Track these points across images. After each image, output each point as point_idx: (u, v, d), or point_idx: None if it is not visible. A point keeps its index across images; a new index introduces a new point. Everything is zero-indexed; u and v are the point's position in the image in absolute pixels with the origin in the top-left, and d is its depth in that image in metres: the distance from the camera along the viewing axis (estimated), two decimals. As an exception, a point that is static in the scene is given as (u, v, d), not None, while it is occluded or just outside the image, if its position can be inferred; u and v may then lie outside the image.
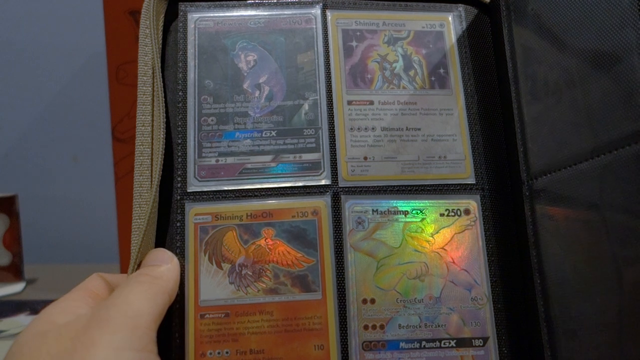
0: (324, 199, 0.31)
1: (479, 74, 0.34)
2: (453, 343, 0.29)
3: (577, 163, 0.26)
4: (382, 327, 0.29)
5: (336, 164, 0.32)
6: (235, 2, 0.34)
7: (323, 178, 0.31)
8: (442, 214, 0.31)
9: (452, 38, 0.35)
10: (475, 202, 0.32)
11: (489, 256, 0.31)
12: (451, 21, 0.35)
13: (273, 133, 0.32)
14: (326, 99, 0.33)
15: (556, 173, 0.28)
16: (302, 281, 0.29)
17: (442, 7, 0.35)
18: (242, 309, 0.29)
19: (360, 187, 0.31)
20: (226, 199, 0.31)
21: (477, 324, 0.30)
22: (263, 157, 0.31)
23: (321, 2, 0.34)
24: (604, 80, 0.24)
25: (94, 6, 0.68)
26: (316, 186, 0.31)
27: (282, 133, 0.32)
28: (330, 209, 0.31)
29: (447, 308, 0.30)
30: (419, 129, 0.33)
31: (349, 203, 0.31)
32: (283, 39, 0.33)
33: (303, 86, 0.33)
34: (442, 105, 0.33)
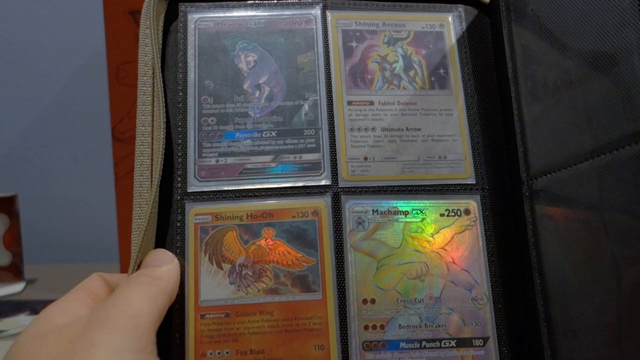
0: (324, 199, 0.31)
1: (479, 74, 0.34)
2: (453, 343, 0.29)
3: (577, 163, 0.26)
4: (383, 327, 0.29)
5: (336, 164, 0.32)
6: (235, 3, 0.34)
7: (323, 178, 0.31)
8: (442, 214, 0.31)
9: (452, 38, 0.35)
10: (475, 202, 0.32)
11: (489, 256, 0.31)
12: (451, 21, 0.35)
13: (273, 133, 0.32)
14: (326, 100, 0.33)
15: (556, 173, 0.28)
16: (303, 281, 0.30)
17: (442, 8, 0.35)
18: (243, 309, 0.29)
19: (360, 188, 0.31)
20: (226, 199, 0.31)
21: (478, 324, 0.30)
22: (263, 158, 0.31)
23: (321, 3, 0.34)
24: (604, 80, 0.24)
25: (94, 6, 0.68)
26: (316, 186, 0.31)
27: (282, 133, 0.32)
28: (330, 209, 0.31)
29: (448, 308, 0.30)
30: (419, 129, 0.33)
31: (349, 203, 0.31)
32: (283, 40, 0.33)
33: (303, 86, 0.33)
34: (442, 105, 0.33)
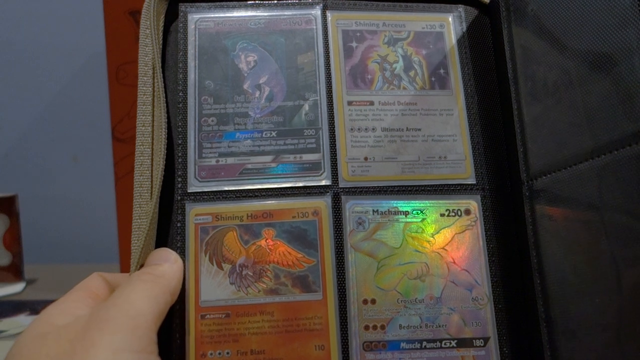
0: (325, 200, 0.31)
1: (479, 75, 0.34)
2: (454, 343, 0.29)
3: (577, 163, 0.26)
4: (383, 328, 0.29)
5: (336, 165, 0.32)
6: (235, 3, 0.34)
7: (323, 178, 0.31)
8: (443, 214, 0.31)
9: (452, 39, 0.35)
10: (475, 202, 0.32)
11: (490, 256, 0.31)
12: (451, 22, 0.35)
13: (273, 133, 0.32)
14: (326, 100, 0.33)
15: (556, 173, 0.28)
16: (303, 281, 0.30)
17: (442, 8, 0.35)
18: (243, 310, 0.29)
19: (360, 188, 0.31)
20: (226, 200, 0.31)
21: (478, 324, 0.30)
22: (263, 158, 0.31)
23: (321, 3, 0.34)
24: (604, 81, 0.24)
25: (94, 6, 0.68)
26: (316, 187, 0.31)
27: (283, 133, 0.32)
28: (330, 210, 0.31)
29: (448, 308, 0.30)
30: (419, 130, 0.33)
31: (350, 203, 0.31)
32: (283, 40, 0.33)
33: (303, 87, 0.33)
34: (443, 105, 0.33)
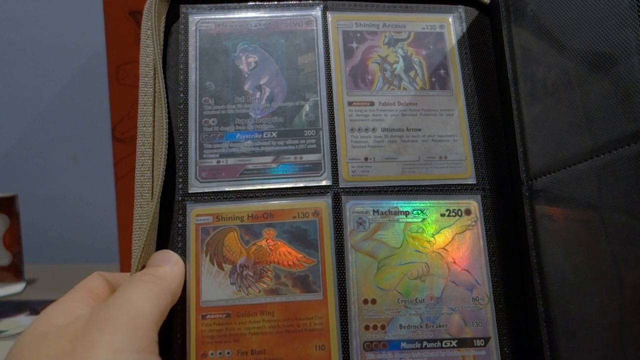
0: (325, 200, 0.31)
1: (479, 75, 0.34)
2: (454, 343, 0.30)
3: (577, 163, 0.27)
4: (383, 328, 0.29)
5: (337, 165, 0.32)
6: (236, 4, 0.34)
7: (324, 179, 0.31)
8: (443, 214, 0.31)
9: (453, 39, 0.35)
10: (476, 202, 0.32)
11: (490, 256, 0.31)
12: (451, 22, 0.35)
13: (274, 134, 0.32)
14: (327, 100, 0.33)
15: (555, 173, 0.28)
16: (303, 282, 0.30)
17: (442, 9, 0.35)
18: (243, 310, 0.29)
19: (361, 188, 0.31)
20: (227, 200, 0.31)
21: (479, 324, 0.30)
22: (264, 158, 0.31)
23: (321, 4, 0.34)
24: (603, 80, 0.24)
25: (94, 6, 0.68)
26: (317, 187, 0.31)
27: (283, 134, 0.32)
28: (331, 210, 0.31)
29: (448, 308, 0.30)
30: (420, 130, 0.33)
31: (350, 204, 0.31)
32: (284, 41, 0.34)
33: (304, 87, 0.33)
34: (443, 105, 0.33)
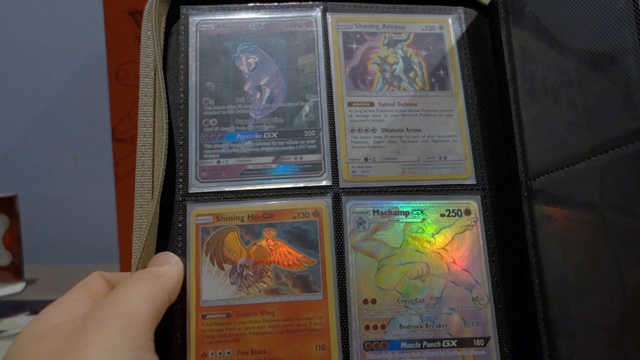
0: (325, 200, 0.31)
1: (479, 75, 0.34)
2: (454, 343, 0.30)
3: (575, 163, 0.27)
4: (383, 327, 0.30)
5: (337, 165, 0.32)
6: (236, 5, 0.34)
7: (324, 179, 0.31)
8: (443, 215, 0.31)
9: (452, 40, 0.35)
10: (475, 203, 0.32)
11: (490, 256, 0.31)
12: (451, 23, 0.35)
13: (274, 134, 0.32)
14: (327, 101, 0.33)
15: (554, 173, 0.28)
16: (303, 281, 0.30)
17: (442, 10, 0.35)
18: (244, 310, 0.29)
19: (361, 188, 0.32)
20: (227, 200, 0.31)
21: (478, 324, 0.30)
22: (264, 159, 0.32)
23: (321, 5, 0.34)
24: (601, 80, 0.24)
25: (94, 6, 0.68)
26: (317, 187, 0.31)
27: (283, 134, 0.32)
28: (331, 210, 0.31)
29: (448, 308, 0.30)
30: (419, 130, 0.33)
31: (350, 204, 0.31)
32: (284, 42, 0.34)
33: (304, 88, 0.33)
34: (442, 106, 0.33)
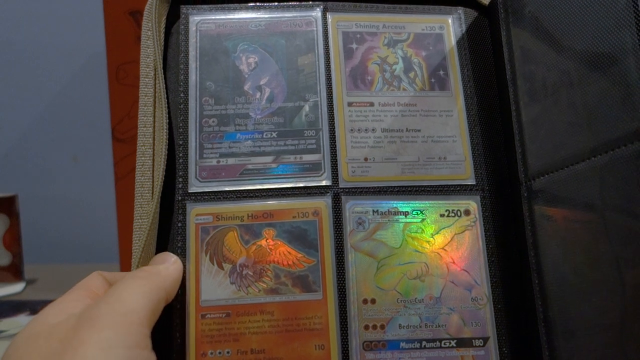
0: (325, 200, 0.31)
1: (479, 76, 0.34)
2: (453, 343, 0.30)
3: (575, 163, 0.27)
4: (383, 327, 0.30)
5: (337, 165, 0.32)
6: (236, 5, 0.34)
7: (324, 179, 0.31)
8: (442, 215, 0.31)
9: (452, 40, 0.35)
10: (475, 203, 0.32)
11: (489, 256, 0.31)
12: (451, 23, 0.35)
13: (274, 134, 0.32)
14: (327, 101, 0.33)
15: (554, 174, 0.28)
16: (303, 281, 0.30)
17: (442, 10, 0.35)
18: (243, 309, 0.29)
19: (360, 188, 0.32)
20: (227, 200, 0.31)
21: (478, 324, 0.30)
22: (264, 158, 0.32)
23: (322, 5, 0.34)
24: (601, 81, 0.24)
25: (94, 6, 0.68)
26: (317, 187, 0.31)
27: (283, 134, 0.32)
28: (330, 210, 0.31)
29: (448, 308, 0.30)
30: (419, 130, 0.33)
31: (350, 204, 0.31)
32: (284, 41, 0.34)
33: (304, 88, 0.33)
34: (442, 106, 0.33)
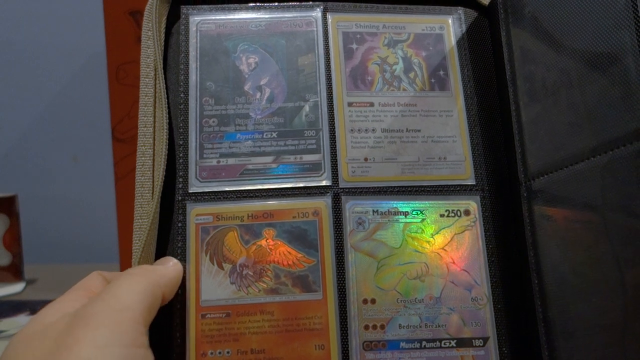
0: (325, 200, 0.31)
1: (479, 76, 0.34)
2: (453, 343, 0.30)
3: (574, 163, 0.27)
4: (383, 327, 0.30)
5: (337, 165, 0.32)
6: (236, 5, 0.34)
7: (324, 179, 0.31)
8: (442, 215, 0.32)
9: (452, 40, 0.35)
10: (475, 203, 0.32)
11: (489, 257, 0.31)
12: (451, 24, 0.35)
13: (274, 134, 0.32)
14: (327, 101, 0.33)
15: (554, 174, 0.28)
16: (303, 281, 0.30)
17: (442, 10, 0.35)
18: (243, 309, 0.29)
19: (360, 188, 0.32)
20: (227, 200, 0.31)
21: (478, 324, 0.30)
22: (264, 158, 0.32)
23: (322, 5, 0.34)
24: (601, 81, 0.24)
25: (94, 6, 0.68)
26: (317, 187, 0.31)
27: (283, 134, 0.32)
28: (330, 210, 0.31)
29: (448, 308, 0.30)
30: (419, 131, 0.33)
31: (350, 204, 0.31)
32: (284, 42, 0.34)
33: (304, 88, 0.33)
34: (442, 106, 0.33)
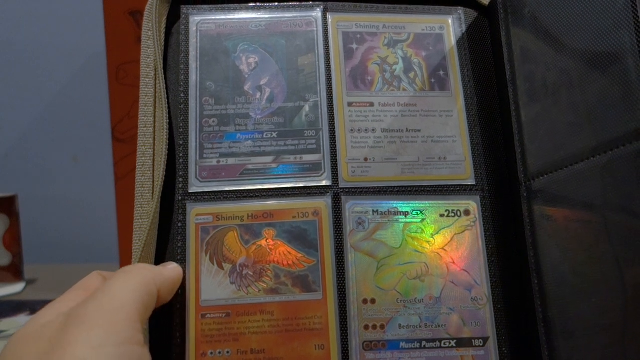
0: (325, 200, 0.31)
1: (479, 76, 0.34)
2: (453, 343, 0.30)
3: (574, 163, 0.27)
4: (383, 327, 0.30)
5: (337, 165, 0.32)
6: (236, 5, 0.34)
7: (324, 179, 0.31)
8: (442, 215, 0.32)
9: (452, 40, 0.35)
10: (475, 203, 0.32)
11: (489, 257, 0.31)
12: (451, 24, 0.35)
13: (274, 134, 0.32)
14: (327, 101, 0.33)
15: (554, 174, 0.28)
16: (303, 281, 0.30)
17: (442, 10, 0.35)
18: (243, 309, 0.29)
19: (360, 188, 0.32)
20: (227, 200, 0.31)
21: (477, 324, 0.30)
22: (264, 158, 0.32)
23: (322, 5, 0.34)
24: (601, 80, 0.24)
25: (94, 6, 0.68)
26: (317, 187, 0.31)
27: (283, 134, 0.32)
28: (330, 210, 0.31)
29: (447, 308, 0.30)
30: (419, 131, 0.33)
31: (350, 204, 0.31)
32: (284, 42, 0.34)
33: (304, 88, 0.33)
34: (442, 106, 0.33)
